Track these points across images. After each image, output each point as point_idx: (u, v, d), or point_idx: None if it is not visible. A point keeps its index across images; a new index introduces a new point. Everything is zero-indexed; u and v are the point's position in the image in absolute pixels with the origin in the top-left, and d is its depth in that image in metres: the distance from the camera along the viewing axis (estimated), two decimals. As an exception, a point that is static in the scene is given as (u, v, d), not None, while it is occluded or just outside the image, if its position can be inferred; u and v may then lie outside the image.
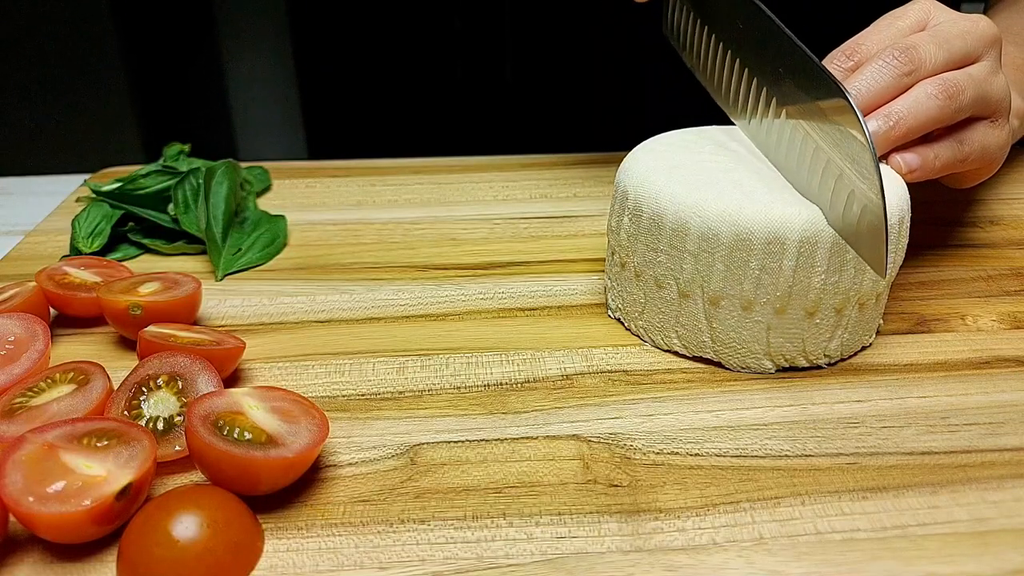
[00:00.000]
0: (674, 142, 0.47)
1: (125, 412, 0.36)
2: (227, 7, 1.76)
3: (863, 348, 0.44)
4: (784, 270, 0.39)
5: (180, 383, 0.37)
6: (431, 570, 0.31)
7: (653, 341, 0.44)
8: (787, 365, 0.42)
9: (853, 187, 0.37)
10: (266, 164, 0.69)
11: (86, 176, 0.68)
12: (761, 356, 0.42)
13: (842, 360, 0.43)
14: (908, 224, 0.42)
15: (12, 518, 0.31)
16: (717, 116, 0.53)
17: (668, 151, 0.45)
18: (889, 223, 0.40)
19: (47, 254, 0.55)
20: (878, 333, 0.45)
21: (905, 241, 0.42)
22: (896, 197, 0.41)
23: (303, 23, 0.84)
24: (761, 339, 0.41)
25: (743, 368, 0.42)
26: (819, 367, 0.42)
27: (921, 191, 0.63)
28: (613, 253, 0.46)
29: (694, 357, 0.43)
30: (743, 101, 0.45)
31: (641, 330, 0.45)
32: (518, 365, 0.43)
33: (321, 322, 0.47)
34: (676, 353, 0.43)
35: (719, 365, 0.42)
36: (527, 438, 0.37)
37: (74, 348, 0.45)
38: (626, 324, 0.46)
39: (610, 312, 0.47)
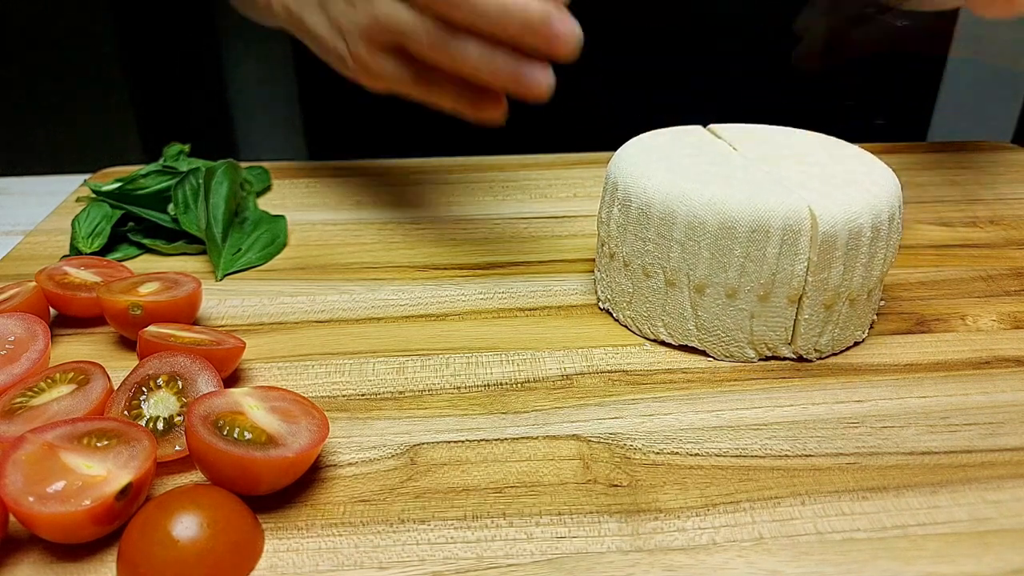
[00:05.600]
0: (664, 138, 0.48)
1: (125, 412, 0.36)
2: (227, 7, 1.76)
3: (855, 344, 0.44)
4: (768, 257, 0.40)
5: (180, 383, 0.37)
6: (431, 570, 0.31)
7: (640, 331, 0.45)
8: (770, 354, 0.42)
9: None
10: (266, 164, 0.69)
11: (86, 176, 0.68)
12: (744, 344, 0.42)
13: (833, 355, 0.43)
14: (900, 220, 0.42)
15: (12, 518, 0.31)
16: (717, 117, 0.53)
17: (658, 146, 0.46)
18: (879, 220, 0.40)
19: (47, 254, 0.55)
20: (871, 329, 0.45)
21: (897, 237, 0.42)
22: (887, 193, 0.41)
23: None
24: (744, 327, 0.42)
25: (727, 357, 0.43)
26: (808, 360, 0.43)
27: (920, 191, 0.63)
28: (603, 244, 0.47)
29: (680, 346, 0.43)
30: None
31: (629, 320, 0.45)
32: (518, 365, 0.43)
33: (321, 322, 0.47)
34: (662, 342, 0.44)
35: (704, 354, 0.43)
36: (527, 438, 0.37)
37: (74, 348, 0.45)
38: (614, 314, 0.46)
39: (599, 304, 0.48)
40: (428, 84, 0.46)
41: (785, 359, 0.43)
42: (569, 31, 0.40)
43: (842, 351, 0.43)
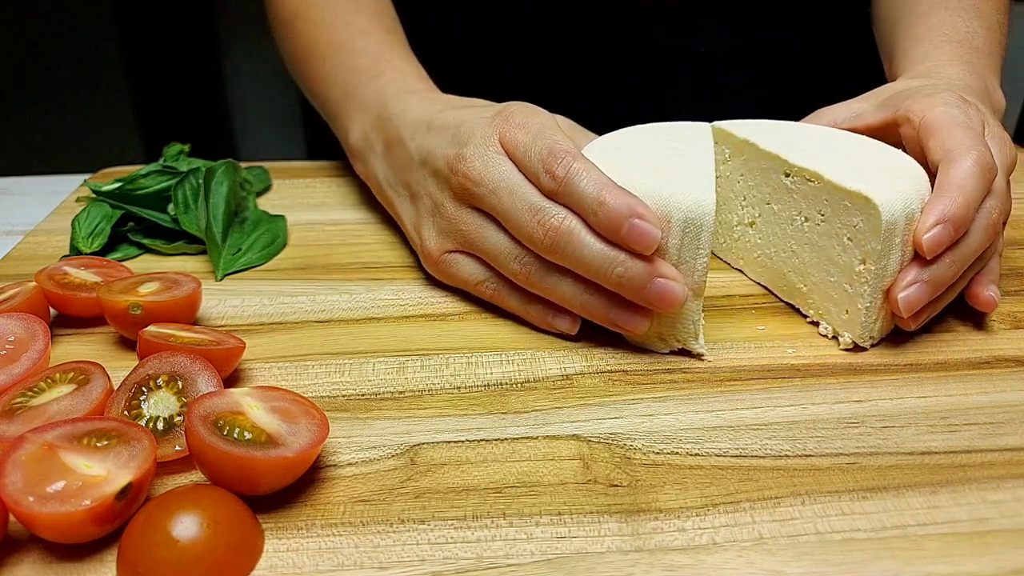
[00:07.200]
0: (638, 133, 0.49)
1: (125, 412, 0.36)
2: (227, 7, 1.76)
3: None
4: (670, 248, 0.41)
5: (180, 383, 0.37)
6: (431, 570, 0.31)
7: None
8: (679, 347, 0.43)
9: None
10: (266, 164, 0.69)
11: (86, 176, 0.68)
12: (654, 337, 0.43)
13: (893, 337, 0.44)
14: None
15: (12, 518, 0.31)
16: (720, 115, 0.53)
17: (622, 141, 0.47)
18: (891, 217, 0.40)
19: (47, 254, 0.55)
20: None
21: (911, 239, 0.42)
22: (924, 178, 0.42)
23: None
24: (655, 317, 0.43)
25: (644, 344, 0.44)
26: (863, 348, 0.44)
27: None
28: None
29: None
30: None
31: None
32: (518, 365, 0.43)
33: (321, 322, 0.47)
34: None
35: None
36: (527, 438, 0.37)
37: (74, 348, 0.45)
38: None
39: None
40: (497, 291, 0.46)
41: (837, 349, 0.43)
42: (670, 295, 0.40)
43: (888, 335, 0.44)
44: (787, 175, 0.45)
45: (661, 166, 0.43)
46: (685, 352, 0.43)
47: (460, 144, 0.45)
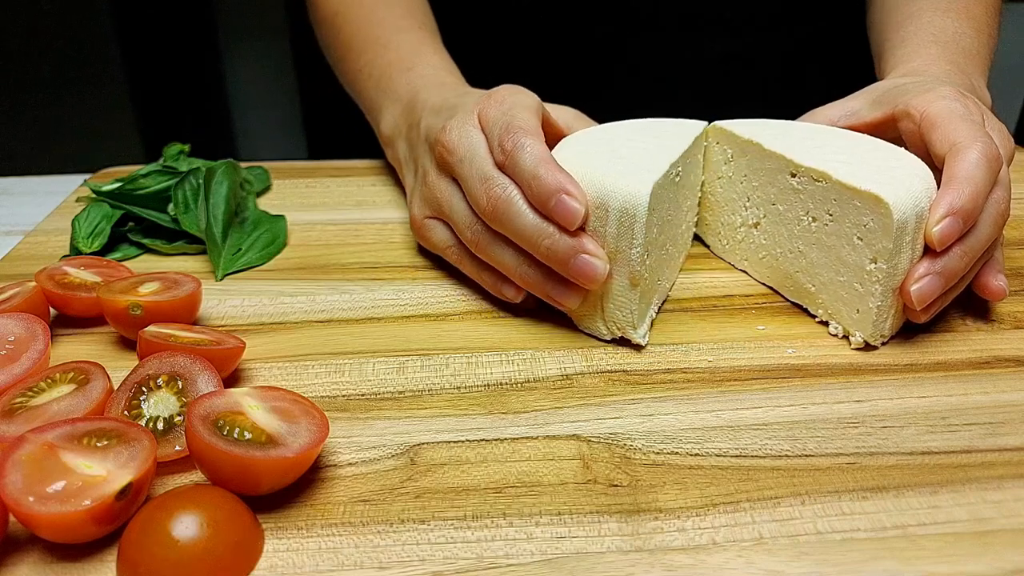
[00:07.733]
0: (623, 127, 0.50)
1: (125, 412, 0.36)
2: (227, 8, 1.76)
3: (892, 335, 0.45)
4: (608, 236, 0.41)
5: (180, 383, 0.37)
6: (431, 570, 0.31)
7: None
8: (620, 335, 0.44)
9: None
10: (266, 164, 0.69)
11: (86, 176, 0.68)
12: (598, 322, 0.44)
13: (893, 337, 0.44)
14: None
15: (12, 518, 0.31)
16: (720, 115, 0.53)
17: (605, 132, 0.48)
18: (903, 216, 0.40)
19: (47, 254, 0.55)
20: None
21: (921, 236, 0.41)
22: (930, 176, 0.42)
23: (303, 23, 0.84)
24: (596, 302, 0.43)
25: (587, 330, 0.45)
26: (874, 347, 0.44)
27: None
28: None
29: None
30: None
31: None
32: (518, 365, 0.43)
33: (321, 322, 0.47)
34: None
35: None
36: (527, 438, 0.37)
37: (74, 348, 0.45)
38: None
39: None
40: (460, 257, 0.49)
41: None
42: (591, 271, 0.41)
43: (897, 334, 0.44)
44: (793, 175, 0.45)
45: (617, 157, 0.44)
46: (626, 341, 0.44)
47: (448, 119, 0.48)
